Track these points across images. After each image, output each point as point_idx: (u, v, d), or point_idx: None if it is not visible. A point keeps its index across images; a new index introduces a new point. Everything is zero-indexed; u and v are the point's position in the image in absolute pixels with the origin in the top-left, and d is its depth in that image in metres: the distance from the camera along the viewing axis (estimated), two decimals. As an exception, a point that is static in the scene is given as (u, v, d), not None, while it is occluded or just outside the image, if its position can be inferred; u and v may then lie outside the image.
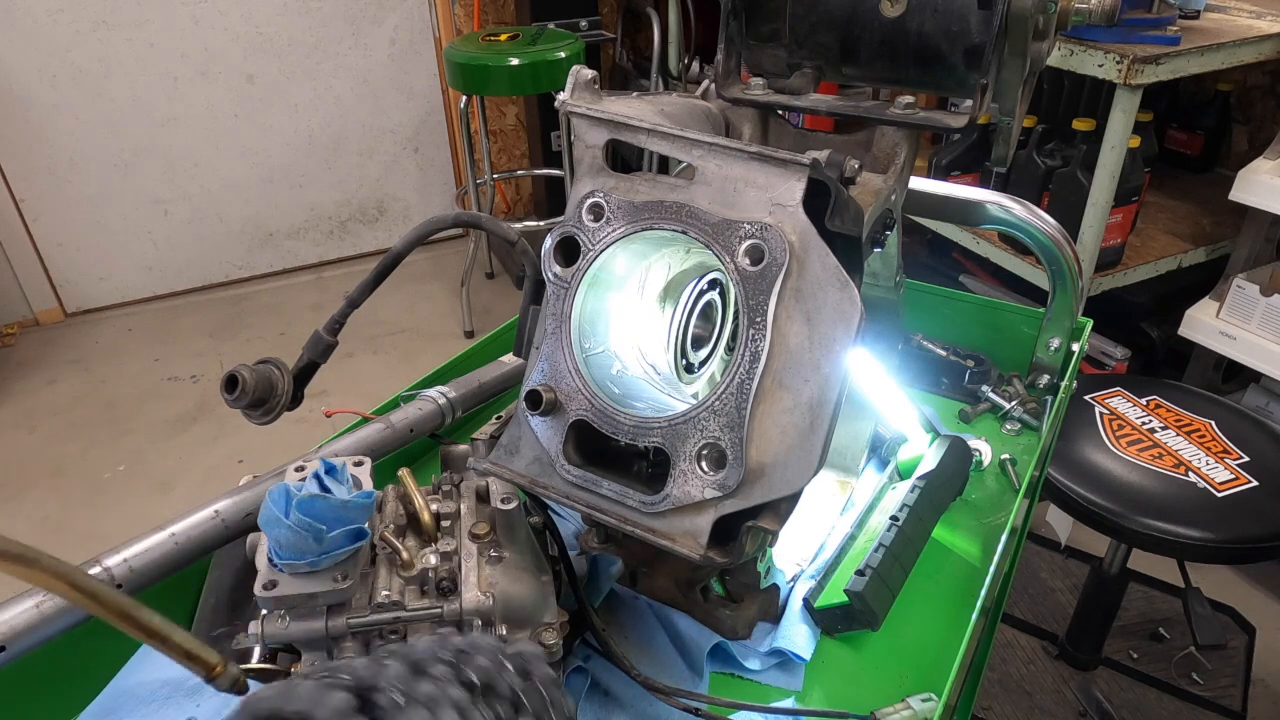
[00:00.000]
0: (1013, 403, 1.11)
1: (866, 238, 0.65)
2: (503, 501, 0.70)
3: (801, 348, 0.62)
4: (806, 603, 0.83)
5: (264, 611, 0.65)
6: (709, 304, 0.74)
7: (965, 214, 1.08)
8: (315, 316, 3.33)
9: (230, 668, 0.56)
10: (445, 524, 0.72)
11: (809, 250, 0.62)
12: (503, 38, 3.06)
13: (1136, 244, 2.25)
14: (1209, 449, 1.62)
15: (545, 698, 0.46)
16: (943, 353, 1.19)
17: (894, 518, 0.87)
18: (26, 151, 3.37)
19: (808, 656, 0.79)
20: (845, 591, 0.79)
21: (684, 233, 0.65)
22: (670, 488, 0.64)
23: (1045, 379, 1.14)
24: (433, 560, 0.68)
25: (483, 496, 0.75)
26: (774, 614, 0.82)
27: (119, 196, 3.58)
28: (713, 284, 0.74)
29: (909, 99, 0.72)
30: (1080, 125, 2.05)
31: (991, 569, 0.86)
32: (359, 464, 0.74)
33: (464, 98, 3.14)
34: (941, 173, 2.40)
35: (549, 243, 0.69)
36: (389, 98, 3.85)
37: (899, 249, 0.92)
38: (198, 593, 0.78)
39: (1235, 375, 2.50)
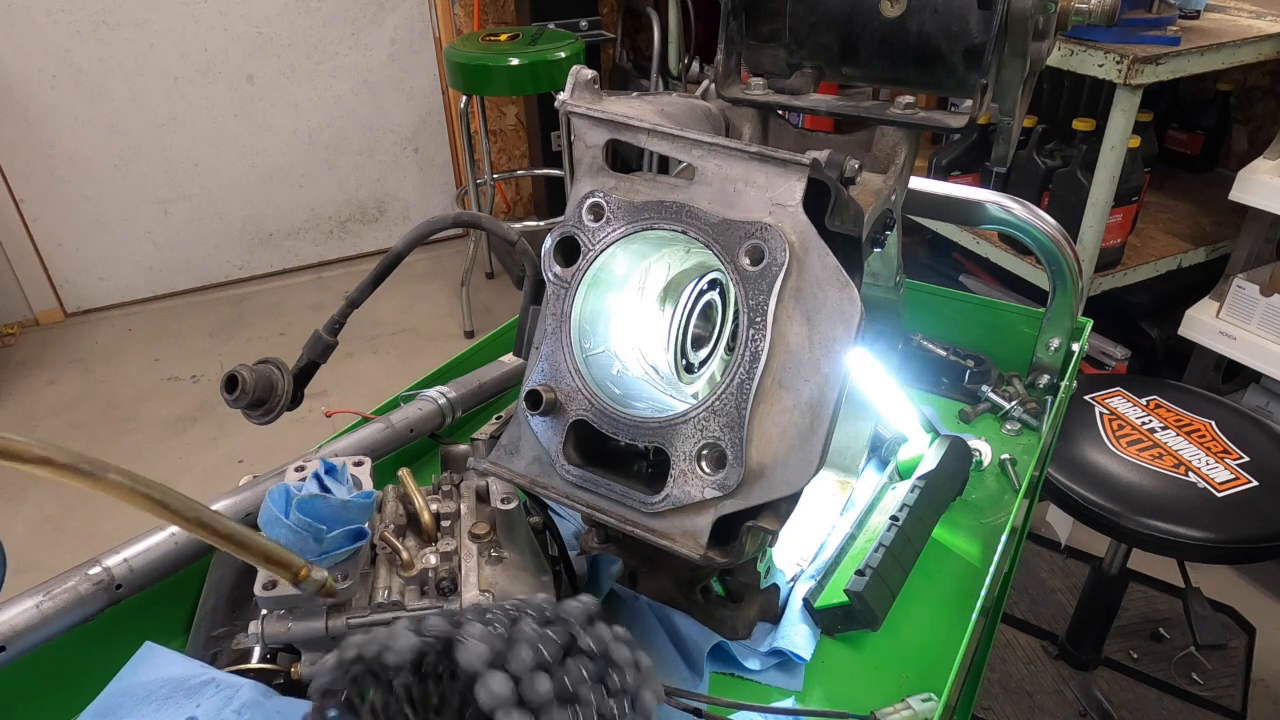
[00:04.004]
0: (1013, 403, 1.11)
1: (866, 238, 0.64)
2: (503, 501, 0.70)
3: (801, 348, 0.62)
4: (806, 603, 0.83)
5: (264, 611, 0.65)
6: (709, 304, 0.74)
7: (965, 214, 1.08)
8: (315, 316, 3.33)
9: (315, 571, 0.57)
10: (445, 524, 0.72)
11: (809, 250, 0.62)
12: (503, 38, 3.06)
13: (1136, 244, 2.25)
14: (1209, 449, 1.62)
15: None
16: (943, 353, 1.19)
17: (894, 518, 0.87)
18: (26, 151, 3.37)
19: (808, 656, 0.79)
20: (845, 591, 0.79)
21: (684, 233, 0.65)
22: (670, 488, 0.64)
23: (1045, 379, 1.14)
24: (433, 560, 0.68)
25: (483, 496, 0.75)
26: (774, 614, 0.82)
27: (119, 196, 3.58)
28: (713, 284, 0.74)
29: (909, 99, 0.72)
30: (1080, 125, 2.05)
31: (991, 569, 0.86)
32: (359, 464, 0.74)
33: (464, 98, 3.13)
34: (941, 173, 2.40)
35: (549, 243, 0.69)
36: (389, 98, 3.85)
37: (899, 249, 0.92)
38: (198, 593, 0.78)
39: (1235, 375, 2.50)
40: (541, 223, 3.45)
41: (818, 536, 0.92)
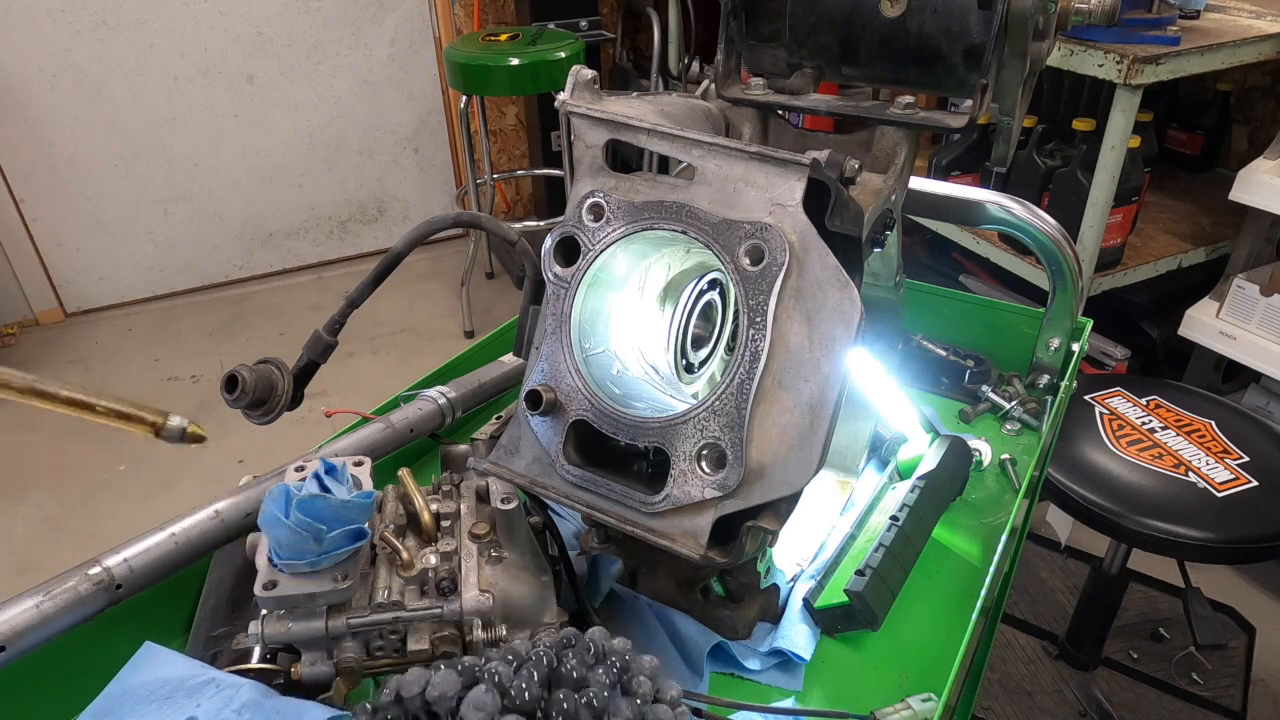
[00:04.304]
0: (1013, 403, 1.11)
1: (866, 238, 0.65)
2: (503, 501, 0.70)
3: (801, 348, 0.62)
4: (806, 603, 0.83)
5: (264, 611, 0.65)
6: (709, 304, 0.74)
7: (965, 214, 1.08)
8: (315, 316, 3.33)
9: (171, 419, 0.52)
10: (445, 524, 0.72)
11: (809, 250, 0.62)
12: (503, 38, 3.06)
13: (1136, 244, 2.25)
14: (1209, 449, 1.62)
15: None
16: (943, 353, 1.19)
17: (894, 518, 0.86)
18: (27, 151, 3.37)
19: (808, 656, 0.79)
20: (845, 591, 0.79)
21: (684, 233, 0.65)
22: (670, 488, 0.64)
23: (1045, 379, 1.14)
24: (433, 560, 0.68)
25: (483, 496, 0.75)
26: (774, 614, 0.82)
27: (119, 196, 3.58)
28: (713, 284, 0.74)
29: (909, 99, 0.72)
30: (1080, 125, 2.05)
31: (991, 569, 0.86)
32: (359, 464, 0.74)
33: (464, 98, 3.13)
34: (941, 173, 2.40)
35: (549, 243, 0.69)
36: (389, 98, 3.85)
37: (899, 249, 0.92)
38: (198, 593, 0.78)
39: (1235, 375, 2.50)
40: (541, 223, 3.45)
41: (818, 536, 0.92)
